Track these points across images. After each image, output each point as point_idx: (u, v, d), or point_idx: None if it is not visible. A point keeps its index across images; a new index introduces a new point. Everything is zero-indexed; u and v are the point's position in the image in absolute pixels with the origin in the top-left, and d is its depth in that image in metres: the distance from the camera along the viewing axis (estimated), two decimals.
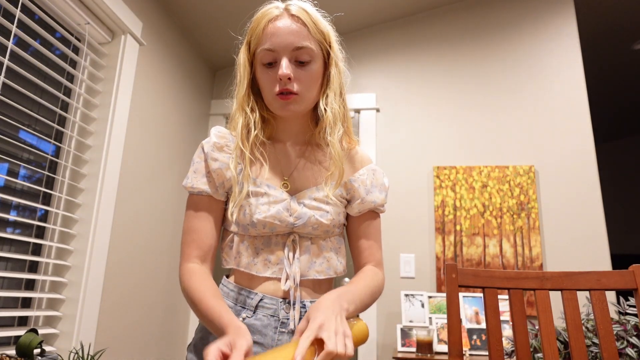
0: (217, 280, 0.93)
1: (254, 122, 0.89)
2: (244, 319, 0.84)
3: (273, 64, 0.86)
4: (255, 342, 0.82)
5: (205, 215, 0.88)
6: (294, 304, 0.84)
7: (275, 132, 0.95)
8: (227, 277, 0.92)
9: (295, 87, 0.85)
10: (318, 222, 0.87)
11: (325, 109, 0.89)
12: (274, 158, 0.93)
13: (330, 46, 0.90)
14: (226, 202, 0.92)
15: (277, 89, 0.85)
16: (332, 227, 0.89)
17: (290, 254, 0.86)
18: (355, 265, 0.98)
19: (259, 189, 0.87)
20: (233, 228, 0.89)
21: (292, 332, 0.83)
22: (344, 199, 0.94)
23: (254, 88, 0.92)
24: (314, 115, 0.95)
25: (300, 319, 0.84)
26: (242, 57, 0.90)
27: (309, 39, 0.85)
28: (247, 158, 0.87)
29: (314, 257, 0.88)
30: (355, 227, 0.97)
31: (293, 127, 0.95)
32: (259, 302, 0.84)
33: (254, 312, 0.84)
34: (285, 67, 0.83)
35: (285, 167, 0.93)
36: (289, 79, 0.84)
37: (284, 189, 0.90)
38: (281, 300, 0.85)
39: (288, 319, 0.84)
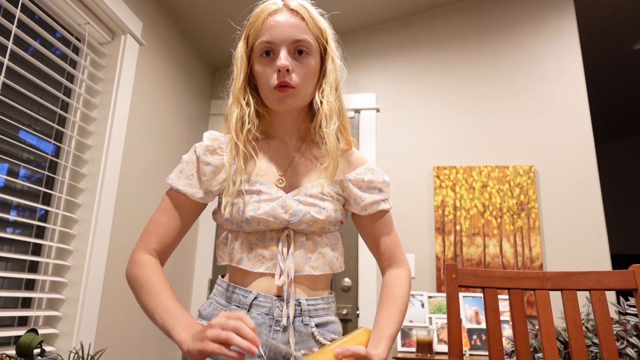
0: (215, 279, 0.93)
1: (249, 115, 0.89)
2: None
3: (271, 57, 0.86)
4: None
5: (177, 214, 0.88)
6: (287, 300, 0.84)
7: (270, 128, 0.95)
8: (223, 276, 0.93)
9: (293, 79, 0.85)
10: (314, 219, 0.86)
11: (321, 101, 0.89)
12: (268, 154, 0.93)
13: (327, 42, 0.91)
14: (218, 203, 0.92)
15: (275, 80, 0.85)
16: (327, 224, 0.89)
17: (285, 249, 0.86)
18: (379, 265, 0.99)
19: (253, 186, 0.87)
20: (227, 225, 0.88)
21: (286, 329, 0.83)
22: (341, 197, 0.93)
23: (251, 83, 0.93)
24: (309, 111, 0.96)
25: (295, 316, 0.84)
26: (239, 51, 0.91)
27: (307, 32, 0.87)
28: (241, 151, 0.87)
29: (309, 252, 0.87)
30: (367, 228, 0.97)
31: (288, 123, 0.95)
32: (253, 300, 0.84)
33: (248, 311, 0.84)
34: (284, 58, 0.84)
35: (281, 163, 0.93)
36: (287, 70, 0.84)
37: (280, 184, 0.90)
38: (275, 298, 0.84)
39: (282, 316, 0.83)
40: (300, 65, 0.86)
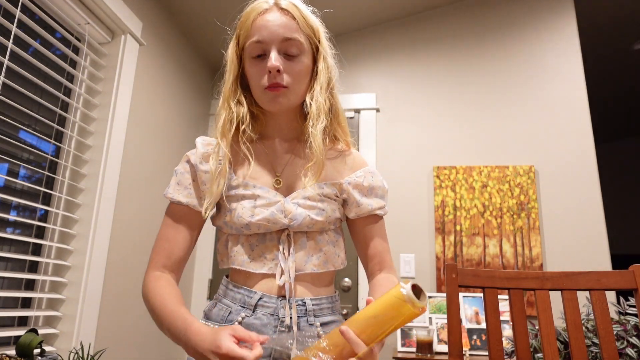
0: (216, 286, 0.92)
1: (242, 116, 0.88)
2: (243, 318, 0.83)
3: (262, 57, 0.85)
4: None
5: (181, 226, 0.88)
6: (289, 299, 0.83)
7: (265, 128, 0.94)
8: (227, 277, 0.92)
9: (284, 79, 0.84)
10: (313, 221, 0.86)
11: (310, 103, 0.88)
12: (263, 155, 0.92)
13: (319, 41, 0.90)
14: (217, 208, 0.92)
15: (266, 81, 0.84)
16: (327, 224, 0.88)
17: (286, 249, 0.85)
18: (367, 270, 0.97)
19: (250, 190, 0.86)
20: (226, 229, 0.88)
21: (290, 329, 0.83)
22: (339, 198, 0.92)
23: (243, 84, 0.92)
24: (303, 111, 0.93)
25: (300, 316, 0.84)
26: (230, 52, 0.90)
27: (298, 32, 0.85)
28: (226, 154, 0.86)
29: (311, 251, 0.87)
30: (359, 231, 0.95)
31: (282, 123, 0.94)
32: (258, 300, 0.84)
33: (253, 311, 0.83)
34: (274, 59, 0.82)
35: (276, 165, 0.92)
36: (278, 71, 0.83)
37: (277, 185, 0.89)
38: (280, 298, 0.84)
39: (286, 317, 0.83)
40: (292, 65, 0.85)
